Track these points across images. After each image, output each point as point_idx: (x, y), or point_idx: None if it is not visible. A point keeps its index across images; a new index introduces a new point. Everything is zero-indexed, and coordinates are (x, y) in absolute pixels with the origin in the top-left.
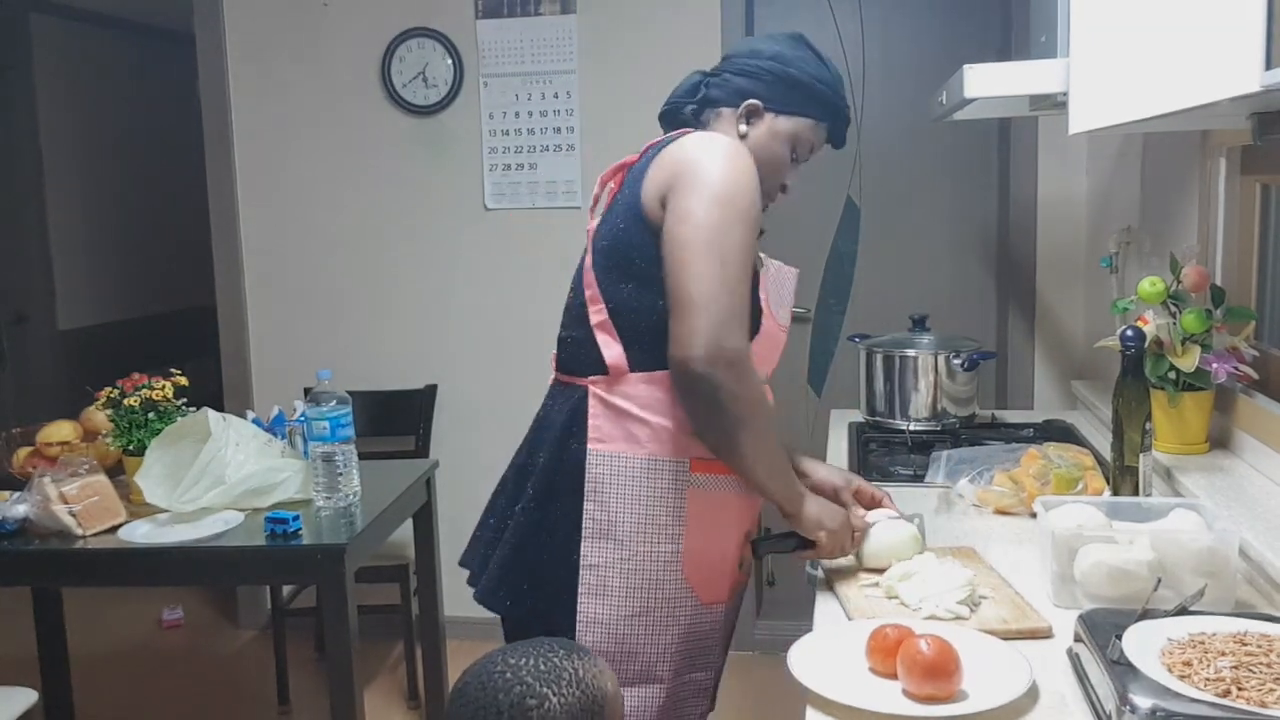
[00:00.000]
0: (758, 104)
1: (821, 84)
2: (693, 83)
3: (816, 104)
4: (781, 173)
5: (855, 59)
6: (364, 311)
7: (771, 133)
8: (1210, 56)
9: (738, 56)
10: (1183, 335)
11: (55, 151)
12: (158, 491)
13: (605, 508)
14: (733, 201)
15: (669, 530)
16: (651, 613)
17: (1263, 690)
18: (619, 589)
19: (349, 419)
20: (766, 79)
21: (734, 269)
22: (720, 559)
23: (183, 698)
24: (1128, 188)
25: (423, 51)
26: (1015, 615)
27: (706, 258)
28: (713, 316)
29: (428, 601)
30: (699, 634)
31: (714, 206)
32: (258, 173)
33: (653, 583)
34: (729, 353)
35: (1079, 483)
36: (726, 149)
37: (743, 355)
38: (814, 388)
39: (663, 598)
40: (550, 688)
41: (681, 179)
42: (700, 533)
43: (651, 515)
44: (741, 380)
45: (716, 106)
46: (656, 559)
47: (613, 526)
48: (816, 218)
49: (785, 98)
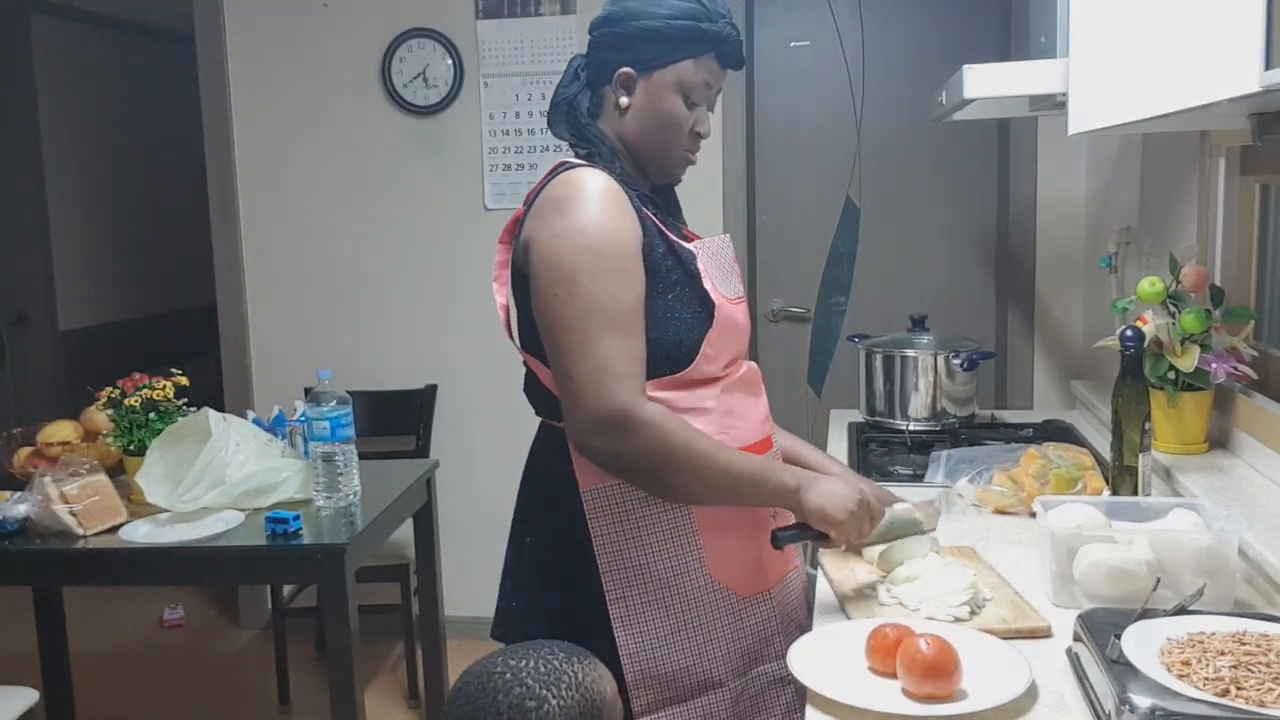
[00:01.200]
0: (628, 71)
1: (681, 19)
2: (572, 70)
3: (685, 43)
4: (682, 127)
5: (855, 59)
6: (364, 311)
7: (653, 93)
8: (1210, 56)
9: (596, 28)
10: (1182, 335)
11: (55, 151)
12: (158, 491)
13: (615, 538)
14: (576, 254)
15: (683, 538)
16: (691, 624)
17: (1261, 689)
18: (652, 613)
19: (349, 419)
20: (625, 42)
21: (591, 329)
22: (746, 549)
23: (183, 697)
24: (1127, 188)
25: (423, 52)
26: (1014, 615)
27: (561, 331)
28: (580, 390)
29: (428, 601)
30: (751, 629)
31: (556, 269)
32: (258, 173)
33: (683, 595)
34: (608, 419)
35: (1078, 482)
36: (572, 196)
37: (624, 414)
38: (814, 387)
39: (698, 606)
40: (550, 690)
41: (533, 244)
42: (716, 530)
43: (662, 530)
44: (633, 438)
45: (598, 89)
46: (680, 570)
47: (627, 554)
48: (816, 218)
49: (650, 53)
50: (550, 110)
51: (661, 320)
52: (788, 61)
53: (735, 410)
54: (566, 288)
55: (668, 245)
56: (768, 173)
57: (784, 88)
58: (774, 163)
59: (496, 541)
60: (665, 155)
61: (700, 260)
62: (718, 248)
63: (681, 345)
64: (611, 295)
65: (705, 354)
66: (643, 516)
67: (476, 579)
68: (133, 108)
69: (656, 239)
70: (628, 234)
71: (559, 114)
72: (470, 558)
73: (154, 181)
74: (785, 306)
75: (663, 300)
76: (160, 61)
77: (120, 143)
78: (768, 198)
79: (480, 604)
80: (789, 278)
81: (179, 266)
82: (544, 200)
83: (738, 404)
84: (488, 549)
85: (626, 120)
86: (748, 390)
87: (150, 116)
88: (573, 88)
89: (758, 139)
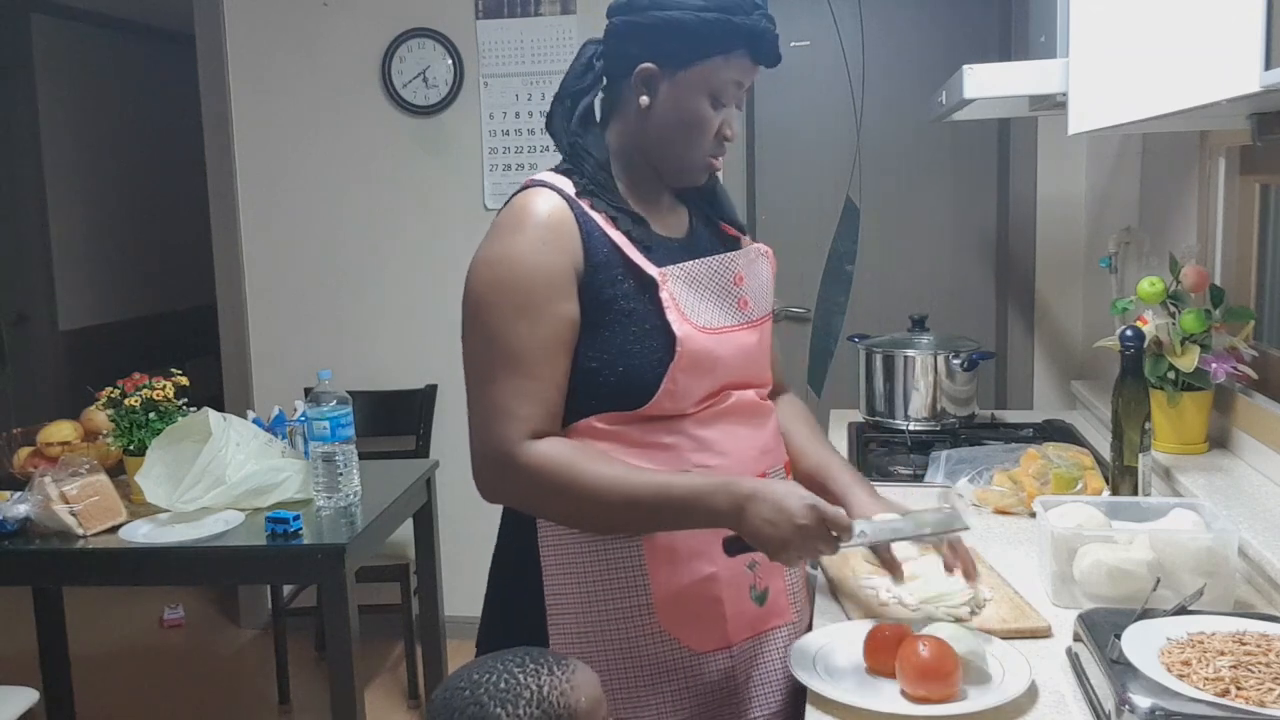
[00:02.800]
0: (651, 68)
1: (711, 13)
2: (585, 59)
3: (716, 40)
4: (708, 130)
5: (855, 59)
6: (364, 311)
7: (677, 94)
8: (1210, 57)
9: (615, 12)
10: (1182, 335)
11: (55, 151)
12: (158, 491)
13: (562, 580)
14: (480, 291)
15: (631, 584)
16: (638, 680)
17: (1261, 690)
18: (597, 663)
19: (349, 419)
20: (650, 35)
21: (482, 370)
22: (704, 600)
23: (183, 697)
24: (1127, 188)
25: (423, 52)
26: (1014, 615)
27: (466, 364)
28: (473, 428)
29: (428, 601)
30: (709, 686)
31: (467, 305)
32: (258, 173)
33: (629, 646)
34: (491, 457)
35: (1078, 482)
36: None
37: (504, 456)
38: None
39: (645, 659)
40: (504, 708)
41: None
42: (669, 576)
43: (607, 575)
44: (513, 478)
45: (616, 81)
46: (625, 619)
47: (572, 599)
48: (816, 218)
49: (677, 50)
50: (553, 102)
51: (617, 354)
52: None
53: (714, 445)
54: (471, 321)
55: (631, 273)
56: (768, 172)
57: (784, 87)
58: (774, 162)
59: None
60: (686, 160)
61: (666, 288)
62: (715, 267)
63: (635, 381)
64: (514, 333)
65: (668, 390)
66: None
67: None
68: (133, 107)
69: (616, 269)
70: (552, 269)
71: (557, 113)
72: (470, 558)
73: (154, 181)
74: (785, 306)
75: (620, 331)
76: (160, 61)
77: (120, 142)
78: (768, 197)
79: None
80: (789, 277)
81: (179, 266)
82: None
83: (720, 437)
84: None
85: (647, 121)
86: (738, 421)
87: (150, 116)
88: (586, 79)
89: (758, 138)
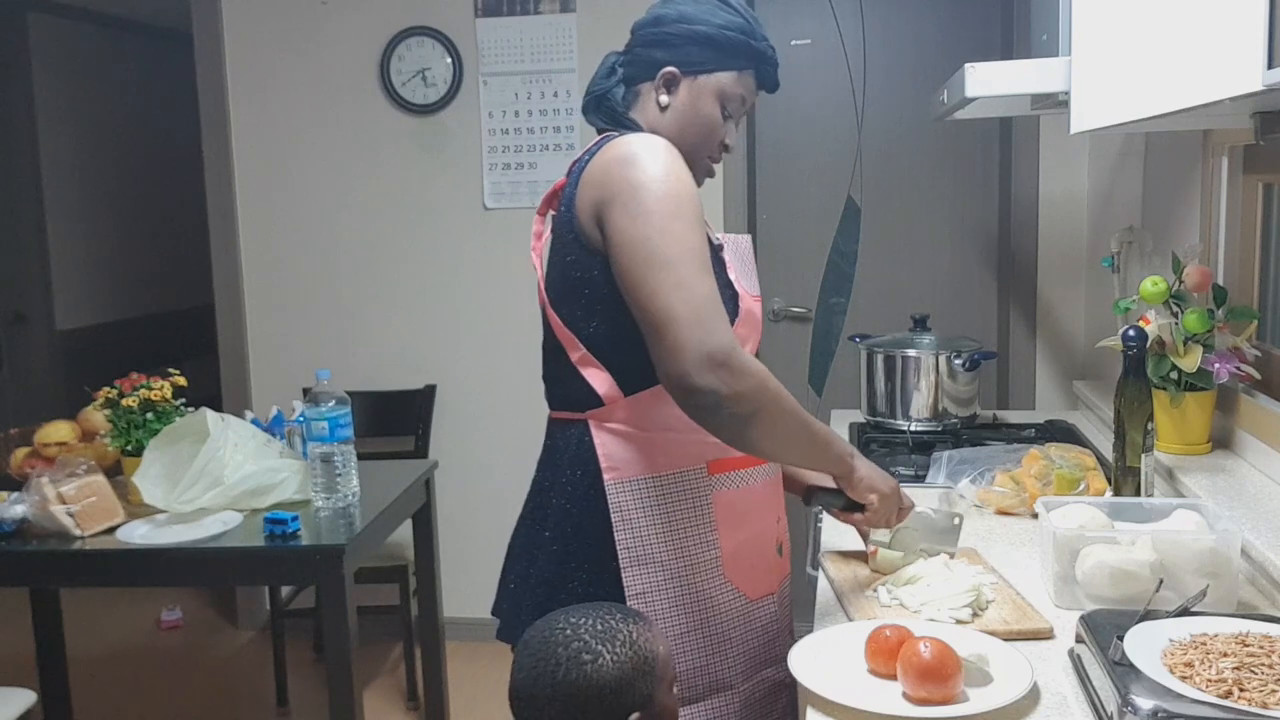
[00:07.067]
0: (673, 71)
1: (731, 31)
2: (608, 65)
3: (732, 55)
4: (716, 133)
5: (856, 57)
6: (363, 311)
7: (694, 96)
8: (1212, 55)
9: (643, 27)
10: (1185, 335)
11: (53, 150)
12: (156, 492)
13: (636, 534)
14: (662, 201)
15: (704, 538)
16: (706, 624)
17: (1264, 691)
18: (668, 610)
19: (348, 419)
20: (675, 42)
21: (689, 268)
22: (758, 552)
23: (181, 698)
24: (1130, 187)
25: (422, 50)
26: (1016, 616)
27: (658, 270)
28: (686, 326)
29: (427, 602)
30: (758, 630)
31: (645, 215)
32: (256, 172)
33: (699, 595)
34: (717, 355)
35: (1080, 483)
36: (642, 152)
37: (730, 352)
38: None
39: (713, 606)
40: (605, 646)
41: (607, 199)
42: (733, 532)
43: (683, 529)
44: (739, 377)
45: (635, 84)
46: (698, 570)
47: (648, 551)
48: (817, 217)
49: (699, 57)
50: (585, 99)
51: None
52: (789, 60)
53: None
54: (661, 231)
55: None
56: (768, 171)
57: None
58: (775, 161)
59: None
60: (692, 158)
61: (726, 252)
62: (741, 246)
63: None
64: (701, 240)
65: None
66: (667, 512)
67: (476, 580)
68: (130, 106)
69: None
70: (696, 192)
71: (592, 106)
72: (470, 558)
73: (152, 181)
74: (786, 306)
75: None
76: (158, 60)
77: (118, 141)
78: (768, 196)
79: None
80: (789, 277)
81: (177, 266)
82: (611, 159)
83: None
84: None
85: (665, 118)
86: None
87: (148, 115)
88: (608, 82)
89: (758, 138)
